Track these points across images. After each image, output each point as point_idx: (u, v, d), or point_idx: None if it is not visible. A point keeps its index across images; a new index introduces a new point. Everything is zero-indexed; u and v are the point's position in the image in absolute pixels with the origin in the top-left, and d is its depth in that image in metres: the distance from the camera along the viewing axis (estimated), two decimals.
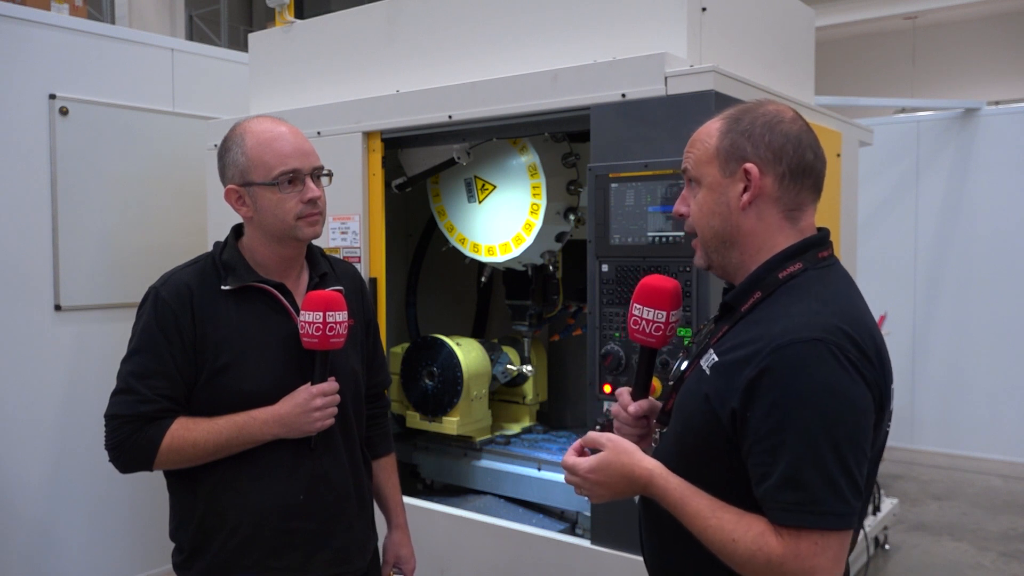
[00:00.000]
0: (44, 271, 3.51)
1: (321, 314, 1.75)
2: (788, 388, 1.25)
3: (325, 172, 1.89)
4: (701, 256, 1.50)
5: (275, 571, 1.82)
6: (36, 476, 3.50)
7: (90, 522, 3.66)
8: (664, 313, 1.53)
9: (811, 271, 1.39)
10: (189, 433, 1.75)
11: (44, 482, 3.52)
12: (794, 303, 1.34)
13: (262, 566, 1.81)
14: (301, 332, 1.78)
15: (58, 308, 3.54)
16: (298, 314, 1.81)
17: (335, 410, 1.83)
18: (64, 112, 3.54)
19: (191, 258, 1.91)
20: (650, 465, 1.40)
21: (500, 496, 3.17)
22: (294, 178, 1.80)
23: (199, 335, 1.77)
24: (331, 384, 1.82)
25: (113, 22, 9.00)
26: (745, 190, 1.40)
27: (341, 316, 1.78)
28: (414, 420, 3.31)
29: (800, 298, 1.35)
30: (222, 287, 1.81)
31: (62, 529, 3.57)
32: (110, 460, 1.79)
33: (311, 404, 1.78)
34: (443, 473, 3.36)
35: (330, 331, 1.76)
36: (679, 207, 1.51)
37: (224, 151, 1.85)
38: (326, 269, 1.96)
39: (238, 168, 1.81)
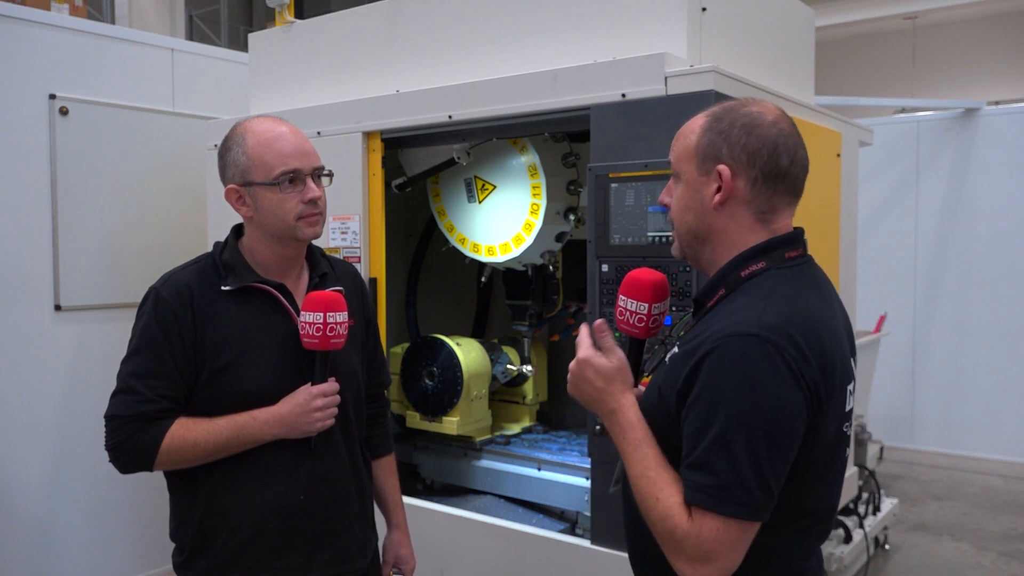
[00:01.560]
0: (44, 271, 3.51)
1: (321, 315, 1.75)
2: (717, 379, 1.29)
3: (326, 172, 1.89)
4: (676, 247, 1.54)
5: (276, 571, 1.82)
6: (36, 476, 3.50)
7: (90, 522, 3.66)
8: (646, 305, 1.56)
9: (773, 270, 1.41)
10: (189, 433, 1.75)
11: (44, 482, 3.52)
12: (745, 301, 1.37)
13: (263, 566, 1.81)
14: (301, 333, 1.78)
15: (58, 308, 3.54)
16: (298, 314, 1.81)
17: (335, 410, 1.83)
18: (64, 112, 3.54)
19: (191, 258, 1.92)
20: (626, 402, 1.44)
21: (500, 496, 3.16)
22: (294, 178, 1.80)
23: (199, 335, 1.77)
24: (331, 384, 1.82)
25: (113, 22, 8.99)
26: (718, 190, 1.42)
27: (341, 317, 1.78)
28: (414, 420, 3.31)
29: (753, 297, 1.37)
30: (222, 287, 1.81)
31: (62, 529, 3.57)
32: (110, 460, 1.79)
33: (311, 404, 1.78)
34: (443, 473, 3.36)
35: (330, 332, 1.76)
36: (663, 197, 1.55)
37: (225, 151, 1.85)
38: (326, 269, 1.96)
39: (238, 168, 1.81)
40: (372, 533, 2.03)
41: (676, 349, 1.43)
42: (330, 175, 1.91)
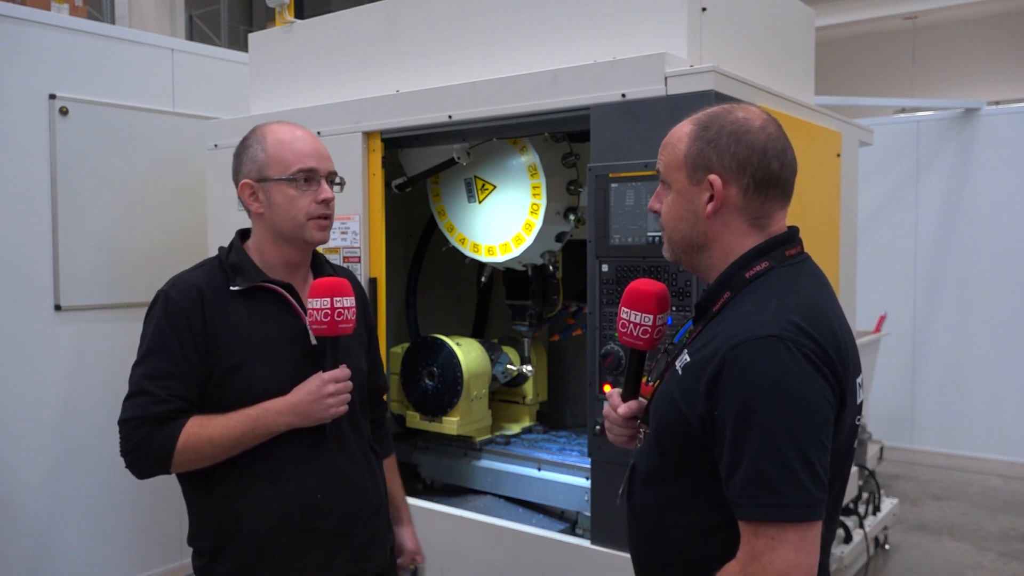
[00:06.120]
0: (44, 271, 3.51)
1: (328, 300, 1.76)
2: (744, 385, 1.27)
3: (338, 180, 1.93)
4: (668, 251, 1.53)
5: (297, 571, 1.82)
6: (36, 476, 3.50)
7: (90, 522, 3.65)
8: (651, 316, 1.55)
9: (777, 269, 1.41)
10: (204, 430, 1.74)
11: (44, 482, 3.52)
12: (756, 301, 1.36)
13: (285, 566, 1.81)
14: (309, 320, 1.79)
15: (58, 308, 3.54)
16: (306, 314, 1.82)
17: (348, 397, 1.84)
18: (64, 112, 3.54)
19: (192, 258, 1.93)
20: None
21: (500, 496, 3.16)
22: (310, 177, 1.84)
23: (211, 335, 1.78)
24: (343, 370, 1.82)
25: (113, 22, 9.00)
26: (711, 199, 1.41)
27: (349, 302, 1.79)
28: (414, 420, 3.31)
29: (762, 296, 1.36)
30: (231, 287, 1.82)
31: (62, 529, 3.57)
32: (127, 466, 1.78)
33: (324, 390, 1.78)
34: (443, 473, 3.36)
35: (338, 316, 1.77)
36: (653, 203, 1.53)
37: (242, 149, 1.90)
38: (331, 273, 1.98)
39: (256, 164, 1.85)
40: (389, 530, 2.05)
41: (687, 357, 1.40)
42: (342, 183, 1.94)
